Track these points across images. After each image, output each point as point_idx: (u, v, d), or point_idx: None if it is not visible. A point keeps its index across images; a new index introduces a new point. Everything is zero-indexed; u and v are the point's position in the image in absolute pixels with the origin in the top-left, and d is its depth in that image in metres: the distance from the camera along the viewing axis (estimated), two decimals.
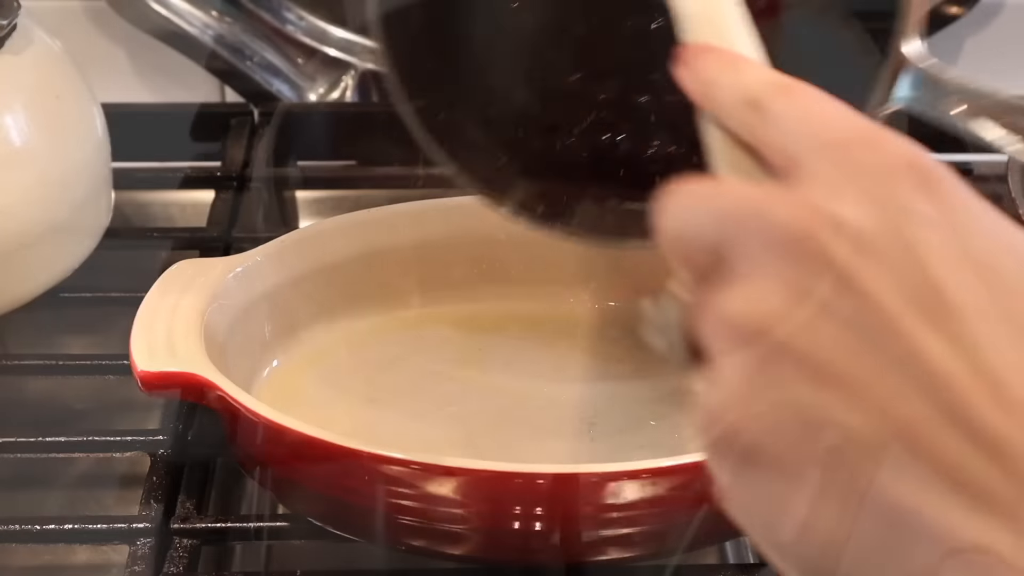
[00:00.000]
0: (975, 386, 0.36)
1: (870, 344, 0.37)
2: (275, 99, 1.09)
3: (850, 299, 0.37)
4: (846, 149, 0.39)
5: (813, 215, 0.38)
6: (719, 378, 0.40)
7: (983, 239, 0.38)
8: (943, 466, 0.36)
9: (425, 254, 0.84)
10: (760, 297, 0.39)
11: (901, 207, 0.38)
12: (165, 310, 0.75)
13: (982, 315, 0.37)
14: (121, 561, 0.73)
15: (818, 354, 0.38)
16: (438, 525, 0.68)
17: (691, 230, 0.42)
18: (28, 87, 0.85)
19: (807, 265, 0.38)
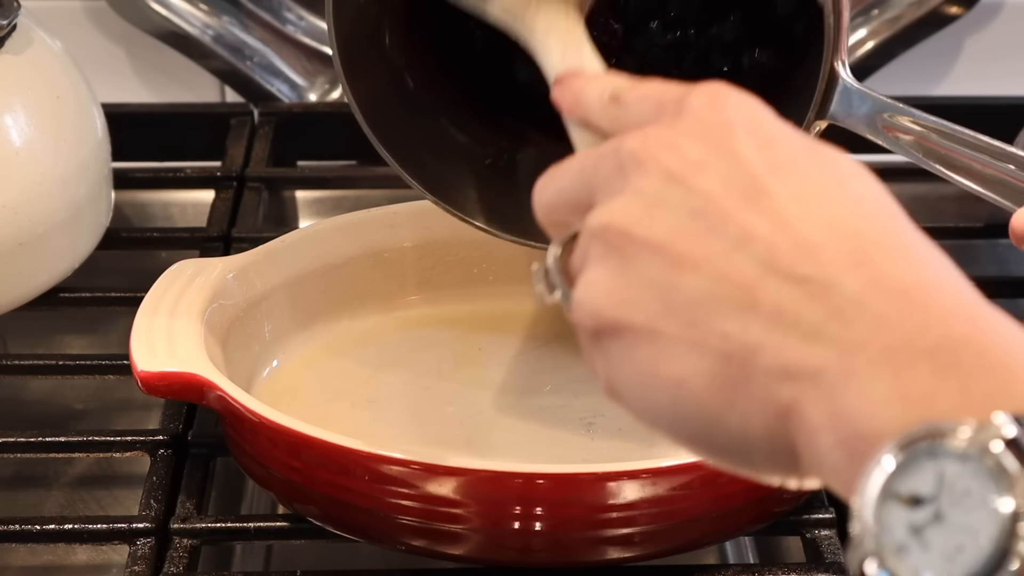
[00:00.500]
0: (785, 242, 0.44)
1: (704, 225, 0.46)
2: (275, 99, 1.09)
3: (685, 193, 0.46)
4: (675, 102, 0.49)
5: (652, 141, 0.48)
6: (587, 280, 0.48)
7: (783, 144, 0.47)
8: (773, 308, 0.44)
9: (425, 254, 0.84)
10: (612, 206, 0.48)
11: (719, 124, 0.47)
12: (165, 310, 0.75)
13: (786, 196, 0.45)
14: (121, 561, 0.73)
15: (662, 238, 0.46)
16: (438, 525, 0.68)
17: (559, 192, 0.52)
18: (28, 87, 0.86)
19: (648, 176, 0.47)
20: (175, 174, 1.01)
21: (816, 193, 0.45)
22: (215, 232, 0.93)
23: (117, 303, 0.88)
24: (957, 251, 1.07)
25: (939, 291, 0.43)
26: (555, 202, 0.52)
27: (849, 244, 0.44)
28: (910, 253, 0.44)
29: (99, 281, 0.91)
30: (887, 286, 0.43)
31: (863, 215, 0.45)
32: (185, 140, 1.06)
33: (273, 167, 1.01)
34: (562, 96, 0.58)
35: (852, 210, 0.45)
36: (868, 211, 0.45)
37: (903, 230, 0.45)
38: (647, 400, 0.47)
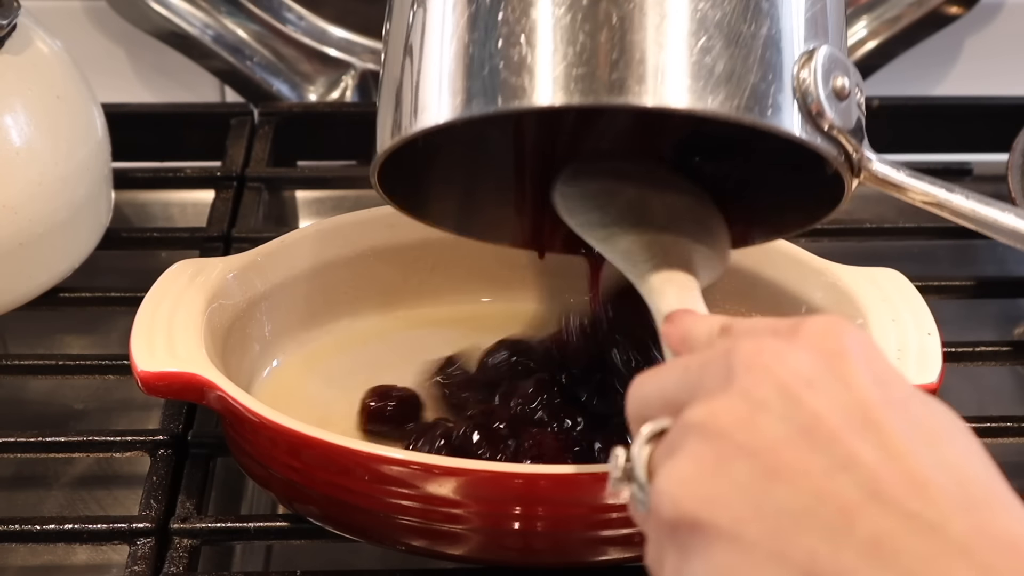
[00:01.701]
0: (893, 474, 0.44)
1: (809, 441, 0.45)
2: (275, 99, 1.09)
3: (793, 407, 0.46)
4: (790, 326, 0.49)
5: (767, 351, 0.47)
6: (674, 470, 0.47)
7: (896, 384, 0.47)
8: (870, 537, 0.42)
9: (425, 254, 0.84)
10: (716, 402, 0.47)
11: (835, 353, 0.47)
12: (165, 310, 0.75)
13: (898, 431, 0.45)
14: (121, 561, 0.73)
15: (763, 444, 0.45)
16: (438, 525, 0.68)
17: (659, 389, 0.51)
18: (28, 87, 0.86)
19: (758, 382, 0.47)
20: (175, 174, 1.01)
21: (927, 436, 0.45)
22: (215, 232, 0.93)
23: (117, 303, 0.88)
24: (957, 251, 1.08)
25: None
26: (652, 398, 0.51)
27: (960, 488, 0.43)
28: (1016, 507, 0.44)
29: (99, 281, 0.90)
30: (996, 536, 0.42)
31: (972, 464, 0.45)
32: (185, 140, 1.06)
33: (273, 167, 1.01)
34: (672, 332, 0.58)
35: (962, 457, 0.45)
36: (976, 461, 0.45)
37: (1005, 486, 0.45)
38: None
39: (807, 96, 0.64)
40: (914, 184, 0.68)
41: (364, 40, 1.11)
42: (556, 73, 0.62)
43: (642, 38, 0.62)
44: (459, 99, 0.64)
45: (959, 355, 0.85)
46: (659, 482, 0.47)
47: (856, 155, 0.66)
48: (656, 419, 0.51)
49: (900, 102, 1.07)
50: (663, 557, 0.47)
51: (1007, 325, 0.97)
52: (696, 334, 0.55)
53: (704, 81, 0.62)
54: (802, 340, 0.48)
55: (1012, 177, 0.91)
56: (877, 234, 0.96)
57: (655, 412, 0.51)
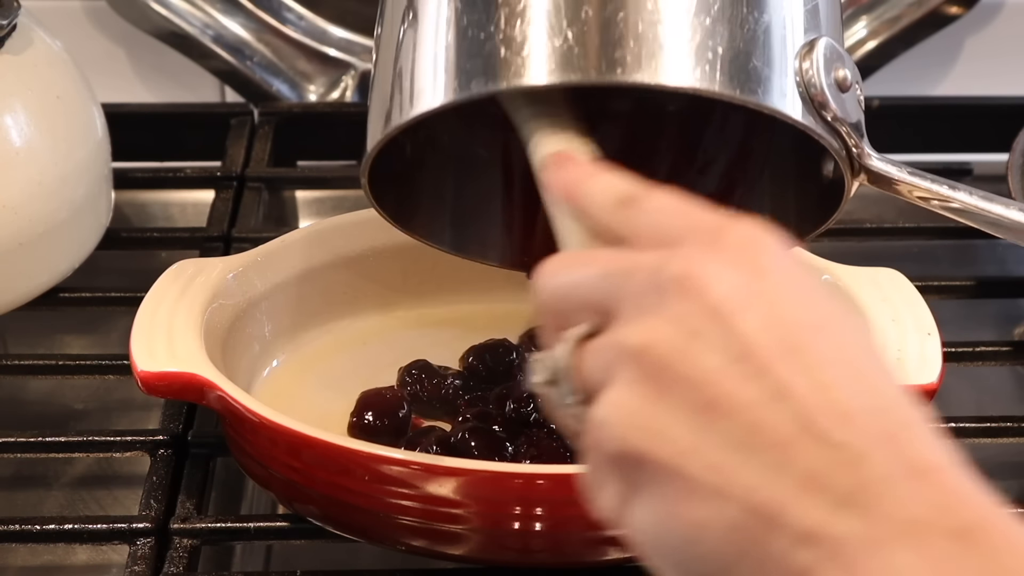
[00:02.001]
0: (822, 404, 0.44)
1: (743, 370, 0.45)
2: (275, 99, 1.09)
3: (727, 333, 0.46)
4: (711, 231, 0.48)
5: (697, 266, 0.47)
6: (614, 401, 0.47)
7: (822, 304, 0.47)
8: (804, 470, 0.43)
9: (425, 254, 0.84)
10: (650, 327, 0.47)
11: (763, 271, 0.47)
12: (165, 310, 0.75)
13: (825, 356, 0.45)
14: (121, 561, 0.73)
15: (701, 375, 0.45)
16: (438, 525, 0.68)
17: (574, 286, 0.50)
18: (28, 87, 0.86)
19: (692, 305, 0.46)
20: (175, 174, 1.01)
21: (846, 360, 0.46)
22: (215, 232, 0.93)
23: (117, 303, 0.88)
24: (957, 251, 1.08)
25: (954, 476, 0.44)
26: (566, 294, 0.51)
27: (879, 418, 0.44)
28: (929, 436, 0.45)
29: (99, 281, 0.90)
30: (914, 464, 0.43)
31: (890, 390, 0.46)
32: (185, 140, 1.06)
33: (273, 167, 1.01)
34: (556, 180, 0.56)
35: (878, 385, 0.46)
36: (894, 388, 0.46)
37: (919, 414, 0.46)
38: (658, 538, 0.46)
39: (810, 85, 0.64)
40: (916, 181, 0.68)
41: (364, 40, 1.11)
42: (553, 52, 0.62)
43: (643, 18, 0.62)
44: (454, 82, 0.64)
45: (959, 355, 0.85)
46: (601, 413, 0.47)
47: (856, 150, 0.66)
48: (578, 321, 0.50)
49: (900, 102, 1.07)
50: (604, 483, 0.48)
51: (1007, 325, 0.97)
52: (589, 193, 0.53)
53: (707, 63, 0.62)
54: (727, 250, 0.47)
55: (1012, 177, 0.91)
56: (877, 234, 0.96)
57: (572, 310, 0.50)
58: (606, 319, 0.49)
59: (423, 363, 0.79)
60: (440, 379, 0.78)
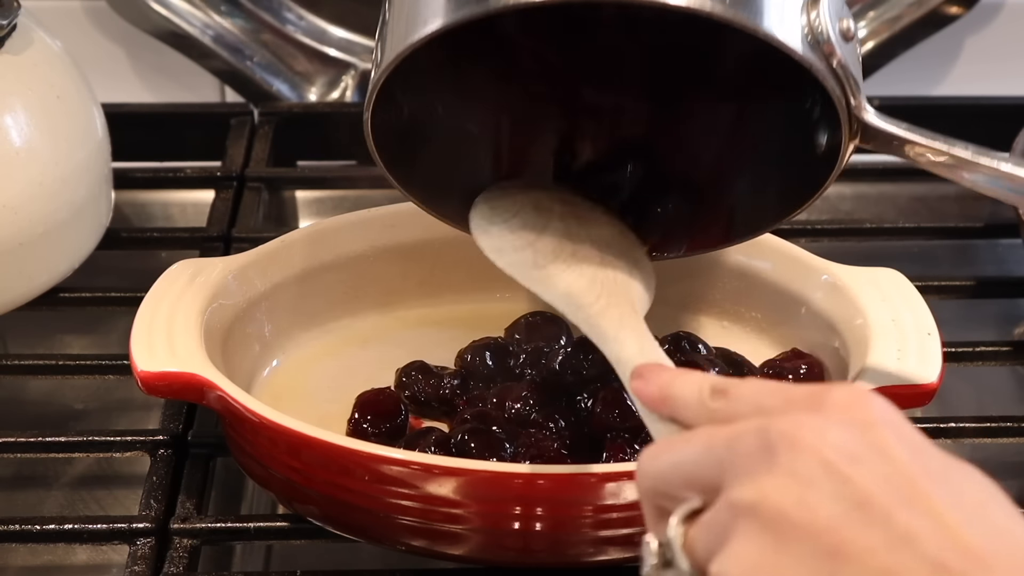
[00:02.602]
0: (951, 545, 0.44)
1: (865, 517, 0.45)
2: (275, 99, 1.09)
3: (843, 483, 0.46)
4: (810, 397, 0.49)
5: (804, 426, 0.47)
6: (735, 554, 0.47)
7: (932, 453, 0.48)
8: None
9: (425, 254, 0.84)
10: (764, 482, 0.47)
11: (869, 425, 0.47)
12: (165, 310, 0.75)
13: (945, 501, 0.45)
14: (121, 561, 0.73)
15: (822, 523, 0.45)
16: (438, 525, 0.68)
17: (676, 467, 0.51)
18: (28, 87, 0.86)
19: (804, 459, 0.46)
20: (175, 174, 1.01)
21: (970, 504, 0.46)
22: (215, 232, 0.93)
23: (117, 303, 0.88)
24: (957, 251, 1.08)
25: None
26: (669, 474, 0.51)
27: (1012, 555, 0.44)
28: None
29: (99, 281, 0.90)
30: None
31: (1017, 528, 0.45)
32: (185, 140, 1.06)
33: (273, 167, 1.01)
34: (646, 389, 0.56)
35: (1007, 522, 0.46)
36: (1019, 525, 0.46)
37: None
38: None
39: (817, 32, 0.65)
40: (913, 137, 0.68)
41: (364, 40, 1.11)
42: None
43: None
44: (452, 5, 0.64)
45: (959, 355, 0.85)
46: (719, 566, 0.47)
47: (855, 101, 0.66)
48: (683, 499, 0.50)
49: (900, 102, 1.07)
50: None
51: (1007, 325, 0.97)
52: (683, 396, 0.54)
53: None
54: (833, 413, 0.48)
55: None
56: (877, 234, 0.96)
57: (676, 490, 0.50)
58: (713, 492, 0.49)
59: (420, 364, 0.79)
60: (437, 379, 0.78)
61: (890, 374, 0.72)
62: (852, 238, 0.96)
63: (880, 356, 0.73)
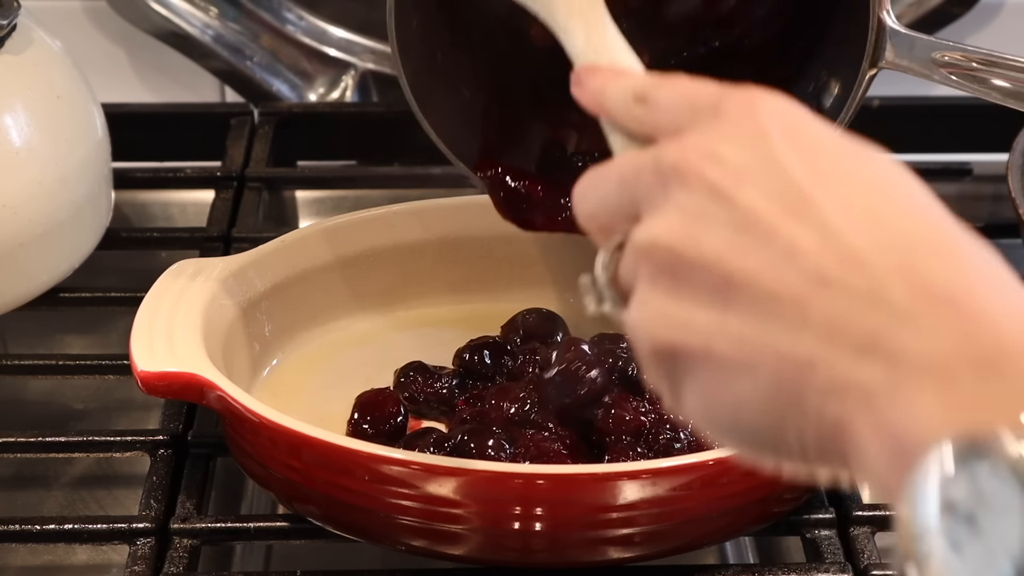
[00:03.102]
0: (832, 252, 0.44)
1: (750, 239, 0.45)
2: (275, 99, 1.09)
3: (728, 207, 0.46)
4: (709, 106, 0.48)
5: (692, 152, 0.47)
6: (639, 303, 0.48)
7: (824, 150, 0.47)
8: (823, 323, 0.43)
9: (425, 254, 0.84)
10: (658, 222, 0.47)
11: (758, 133, 0.47)
12: (165, 310, 0.75)
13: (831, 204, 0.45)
14: (121, 561, 0.73)
15: (709, 256, 0.46)
16: (438, 525, 0.68)
17: (601, 201, 0.51)
18: (28, 87, 0.86)
19: (691, 190, 0.46)
20: (175, 174, 1.01)
21: (860, 199, 0.45)
22: (215, 232, 0.93)
23: (117, 303, 0.88)
24: None
25: (987, 295, 0.42)
26: (597, 210, 0.51)
27: (896, 250, 0.44)
28: (958, 255, 0.44)
29: (99, 281, 0.90)
30: (934, 293, 0.42)
31: (909, 218, 0.45)
32: (185, 140, 1.06)
33: (273, 167, 1.01)
34: (583, 94, 0.56)
35: (898, 214, 0.45)
36: (913, 213, 0.45)
37: (949, 230, 0.45)
38: (710, 419, 0.47)
39: None
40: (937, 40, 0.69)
41: (364, 40, 1.11)
42: None
43: None
44: None
45: None
46: (631, 316, 0.48)
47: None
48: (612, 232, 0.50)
49: (900, 102, 1.07)
50: (658, 381, 0.48)
51: None
52: (611, 99, 0.53)
53: None
54: (724, 125, 0.47)
55: (1012, 177, 0.91)
56: None
57: (605, 222, 0.51)
58: (633, 224, 0.49)
59: (418, 364, 0.79)
60: (435, 379, 0.78)
61: None
62: None
63: None
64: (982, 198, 1.05)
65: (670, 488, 0.67)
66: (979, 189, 1.04)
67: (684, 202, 0.47)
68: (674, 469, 0.67)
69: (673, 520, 0.69)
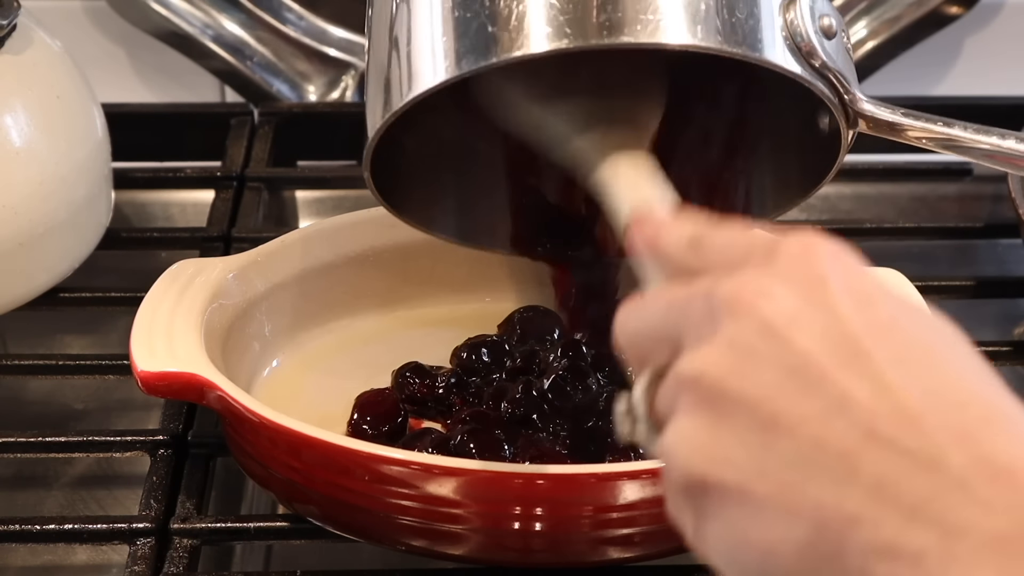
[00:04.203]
0: (886, 408, 0.43)
1: (800, 383, 0.44)
2: (275, 99, 1.09)
3: (780, 348, 0.45)
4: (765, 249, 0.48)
5: (747, 288, 0.46)
6: (677, 431, 0.47)
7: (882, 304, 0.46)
8: (873, 480, 0.42)
9: (425, 254, 0.84)
10: (704, 354, 0.46)
11: (815, 280, 0.46)
12: (165, 310, 0.75)
13: (886, 359, 0.44)
14: (121, 561, 0.73)
15: (757, 394, 0.45)
16: (438, 525, 0.68)
17: (645, 325, 0.50)
18: (28, 87, 0.86)
19: (742, 325, 0.46)
20: (175, 174, 1.01)
21: (917, 358, 0.44)
22: (215, 232, 0.93)
23: (117, 303, 0.88)
24: (957, 251, 1.08)
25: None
26: (639, 334, 0.51)
27: (954, 416, 0.43)
28: (1017, 429, 0.43)
29: (99, 281, 0.90)
30: (994, 465, 0.41)
31: (964, 382, 0.44)
32: (185, 140, 1.06)
33: (273, 167, 1.01)
34: (638, 241, 0.55)
35: (953, 376, 0.44)
36: (969, 378, 0.44)
37: (1007, 403, 0.44)
38: (736, 561, 0.45)
39: (796, 35, 0.65)
40: (911, 123, 0.68)
41: (364, 40, 1.11)
42: (547, 22, 0.62)
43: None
44: (450, 60, 0.64)
45: None
46: (665, 443, 0.47)
47: (848, 96, 0.67)
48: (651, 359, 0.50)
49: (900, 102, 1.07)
50: (681, 513, 0.47)
51: (1007, 325, 0.97)
52: (665, 246, 0.53)
53: (696, 20, 0.63)
54: (780, 267, 0.47)
55: (1012, 177, 0.91)
56: (877, 234, 0.96)
57: (647, 348, 0.50)
58: (675, 353, 0.48)
59: (414, 364, 0.79)
60: (432, 379, 0.78)
61: None
62: (852, 238, 0.95)
63: None
64: (982, 198, 1.05)
65: None
66: (979, 189, 1.04)
67: (735, 336, 0.46)
68: None
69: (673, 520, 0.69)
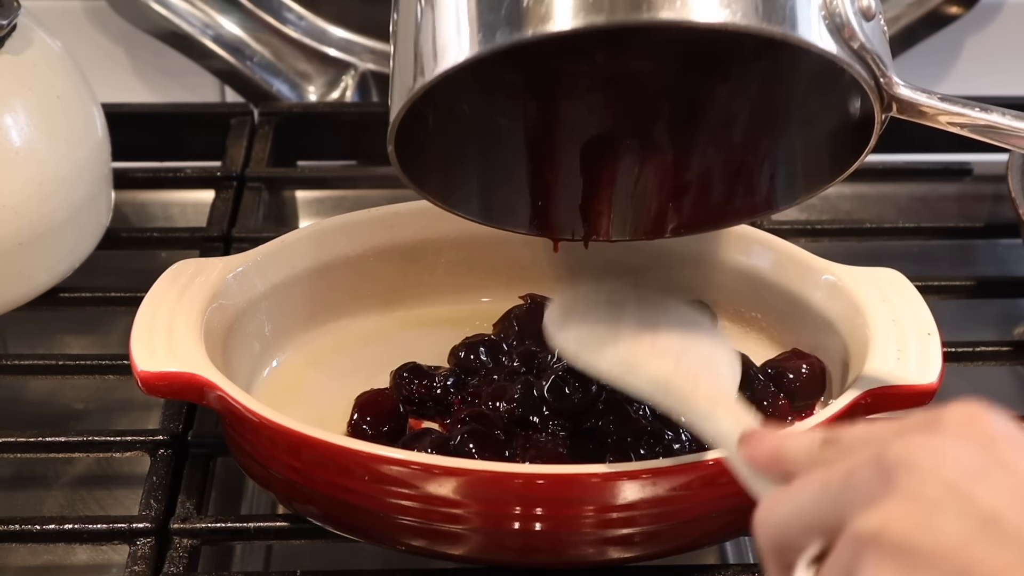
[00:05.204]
0: None
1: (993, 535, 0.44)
2: (275, 99, 1.09)
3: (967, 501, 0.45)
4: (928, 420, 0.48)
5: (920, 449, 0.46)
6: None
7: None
8: None
9: (425, 254, 0.84)
10: (885, 510, 0.46)
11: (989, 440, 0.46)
12: (165, 310, 0.75)
13: None
14: (121, 561, 0.73)
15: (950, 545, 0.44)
16: (438, 525, 0.68)
17: (795, 512, 0.50)
18: (28, 87, 0.86)
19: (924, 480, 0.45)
20: (175, 174, 1.01)
21: None
22: (215, 232, 0.93)
23: (117, 303, 0.88)
24: (957, 251, 1.08)
25: None
26: (788, 524, 0.50)
27: None
28: None
29: (99, 281, 0.91)
30: None
31: None
32: (185, 140, 1.06)
33: (273, 167, 1.01)
34: (756, 452, 0.55)
35: None
36: None
37: None
38: None
39: (835, 16, 0.64)
40: (947, 107, 0.68)
41: (364, 40, 1.11)
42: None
43: None
44: (480, 35, 0.63)
45: (959, 355, 0.85)
46: None
47: (884, 79, 0.66)
48: (805, 547, 0.49)
49: None
50: None
51: (1007, 325, 0.97)
52: (794, 451, 0.53)
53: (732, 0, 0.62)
54: (948, 432, 0.47)
55: (1012, 177, 0.91)
56: (877, 234, 0.96)
57: (798, 538, 0.49)
58: (834, 533, 0.48)
59: (412, 365, 0.79)
60: (429, 379, 0.78)
61: (890, 374, 0.72)
62: (852, 238, 0.96)
63: (880, 356, 0.73)
64: (982, 198, 1.05)
65: (670, 488, 0.67)
66: (979, 189, 1.04)
67: (916, 491, 0.45)
68: (674, 469, 0.67)
69: (673, 520, 0.69)
